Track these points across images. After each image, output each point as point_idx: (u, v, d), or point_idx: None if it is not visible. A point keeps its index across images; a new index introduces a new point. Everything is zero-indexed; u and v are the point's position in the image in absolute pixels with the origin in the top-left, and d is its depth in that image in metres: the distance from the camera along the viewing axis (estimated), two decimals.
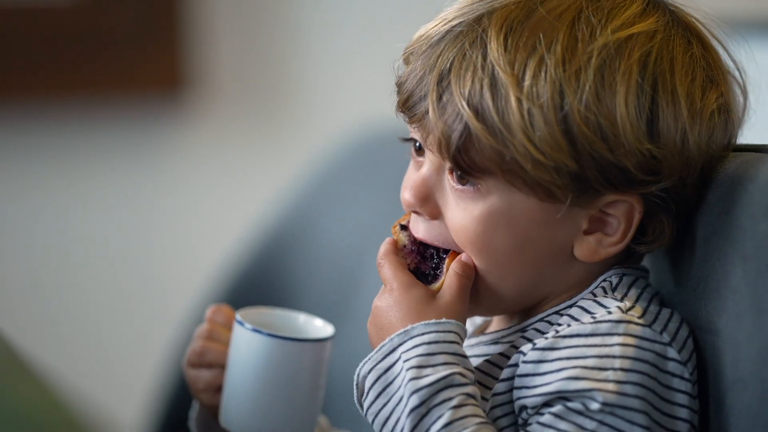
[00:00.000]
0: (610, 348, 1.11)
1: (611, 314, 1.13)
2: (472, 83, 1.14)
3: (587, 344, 1.11)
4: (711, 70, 1.19)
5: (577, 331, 1.12)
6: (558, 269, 1.19)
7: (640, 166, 1.13)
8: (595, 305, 1.16)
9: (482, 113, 1.14)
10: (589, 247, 1.17)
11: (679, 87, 1.14)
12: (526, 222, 1.16)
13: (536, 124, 1.12)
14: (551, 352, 1.12)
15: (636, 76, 1.13)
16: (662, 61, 1.15)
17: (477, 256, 1.18)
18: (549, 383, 1.11)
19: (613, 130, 1.12)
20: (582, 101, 1.12)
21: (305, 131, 2.82)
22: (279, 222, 2.08)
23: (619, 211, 1.16)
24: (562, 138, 1.12)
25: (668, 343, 1.13)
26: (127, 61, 2.76)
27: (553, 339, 1.13)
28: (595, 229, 1.17)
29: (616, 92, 1.13)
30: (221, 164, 2.88)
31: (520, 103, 1.12)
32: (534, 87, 1.13)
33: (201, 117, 2.85)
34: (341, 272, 1.92)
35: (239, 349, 1.27)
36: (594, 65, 1.13)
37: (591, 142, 1.12)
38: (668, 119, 1.14)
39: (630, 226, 1.16)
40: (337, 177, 2.05)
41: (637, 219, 1.16)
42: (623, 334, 1.12)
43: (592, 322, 1.13)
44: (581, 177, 1.13)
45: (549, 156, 1.12)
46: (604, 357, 1.11)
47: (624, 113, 1.12)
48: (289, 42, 2.85)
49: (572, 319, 1.16)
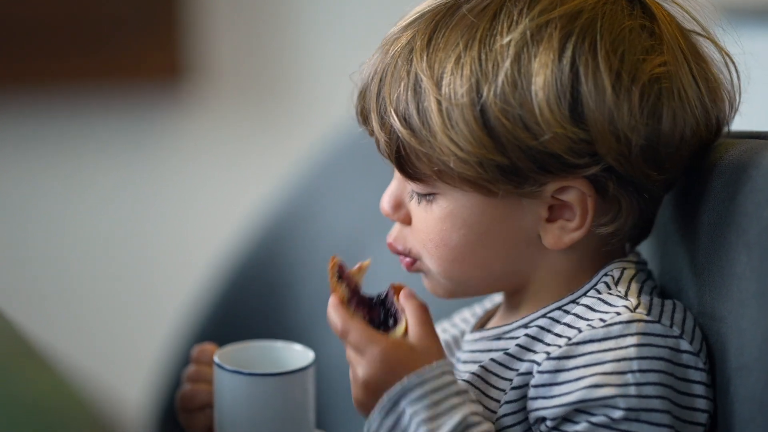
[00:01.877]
0: (626, 350, 1.11)
1: (620, 315, 1.13)
2: (400, 91, 1.16)
3: (602, 349, 1.12)
4: (654, 40, 1.16)
5: (590, 337, 1.12)
6: (530, 258, 1.19)
7: (571, 150, 1.13)
8: (600, 303, 1.16)
9: (408, 120, 1.16)
10: (553, 234, 1.17)
11: (603, 64, 1.12)
12: (481, 218, 1.17)
13: (455, 123, 1.13)
14: (567, 361, 1.12)
15: (554, 60, 1.12)
16: (584, 41, 1.13)
17: (440, 252, 1.19)
18: (569, 393, 1.12)
19: (533, 118, 1.12)
20: (497, 94, 1.13)
21: (305, 119, 2.82)
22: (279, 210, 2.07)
23: (572, 197, 1.16)
24: (482, 133, 1.13)
25: (679, 336, 1.13)
26: (127, 50, 2.76)
27: (568, 347, 1.13)
28: (556, 216, 1.17)
29: (533, 79, 1.12)
30: (221, 152, 2.88)
31: (440, 104, 1.14)
32: (451, 86, 1.14)
33: (201, 105, 2.85)
34: (341, 258, 1.91)
35: (223, 390, 1.27)
36: (511, 55, 1.13)
37: (513, 133, 1.13)
38: (591, 100, 1.12)
39: (586, 210, 1.16)
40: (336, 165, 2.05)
41: (592, 203, 1.15)
42: (635, 333, 1.12)
43: (603, 326, 1.13)
44: (513, 169, 1.14)
45: (470, 152, 1.13)
46: (621, 360, 1.11)
47: (543, 99, 1.12)
48: (289, 30, 2.85)
49: (578, 318, 1.16)
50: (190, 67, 2.80)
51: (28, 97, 2.80)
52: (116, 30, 2.76)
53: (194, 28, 2.79)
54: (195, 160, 2.88)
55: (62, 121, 2.82)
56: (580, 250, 1.19)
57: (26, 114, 2.82)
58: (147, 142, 2.86)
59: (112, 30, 2.76)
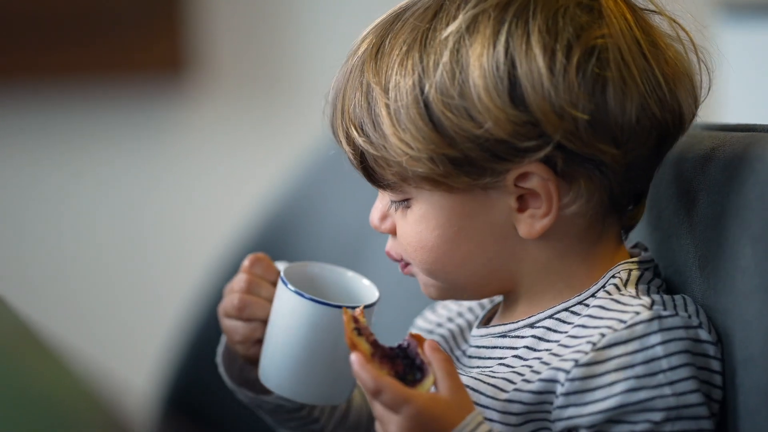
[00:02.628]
0: (653, 350, 1.12)
1: (639, 314, 1.13)
2: (355, 102, 1.19)
3: (629, 351, 1.12)
4: (592, 15, 1.16)
5: (615, 340, 1.12)
6: (511, 252, 1.20)
7: (517, 134, 1.13)
8: (614, 303, 1.16)
9: (363, 128, 1.18)
10: (525, 224, 1.18)
11: (536, 45, 1.13)
12: (451, 216, 1.18)
13: (402, 123, 1.15)
14: (596, 367, 1.12)
15: (489, 47, 1.14)
16: (517, 26, 1.14)
17: (420, 255, 1.21)
18: (605, 399, 1.12)
19: (474, 107, 1.13)
20: (438, 87, 1.14)
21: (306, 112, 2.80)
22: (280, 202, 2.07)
23: (534, 184, 1.16)
24: (427, 128, 1.15)
25: (698, 326, 1.14)
26: (129, 43, 2.76)
27: (595, 353, 1.12)
28: (526, 206, 1.17)
29: (469, 69, 1.14)
30: (222, 145, 2.87)
31: (388, 108, 1.16)
32: (397, 88, 1.16)
33: (201, 98, 2.84)
34: (344, 252, 1.91)
35: (282, 309, 1.25)
36: (448, 49, 1.14)
37: (458, 125, 1.14)
38: (528, 81, 1.13)
39: (550, 195, 1.16)
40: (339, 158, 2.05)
41: (554, 186, 1.15)
42: (659, 330, 1.12)
43: (625, 327, 1.13)
44: (466, 160, 1.15)
45: (419, 149, 1.15)
46: (651, 361, 1.11)
47: (480, 86, 1.13)
48: (291, 23, 2.84)
49: (593, 318, 1.16)
50: (191, 60, 2.79)
51: (27, 89, 2.80)
52: (117, 23, 2.76)
53: (195, 21, 2.79)
54: (196, 153, 2.88)
55: (62, 113, 2.82)
56: (560, 238, 1.19)
57: (26, 107, 2.81)
58: (148, 135, 2.85)
59: (112, 23, 2.76)
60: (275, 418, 1.35)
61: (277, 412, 1.34)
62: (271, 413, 1.35)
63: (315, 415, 1.34)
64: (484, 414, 1.17)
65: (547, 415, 1.15)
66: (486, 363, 1.22)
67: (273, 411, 1.34)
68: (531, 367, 1.17)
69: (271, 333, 1.27)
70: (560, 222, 1.17)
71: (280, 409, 1.33)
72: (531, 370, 1.16)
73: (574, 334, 1.16)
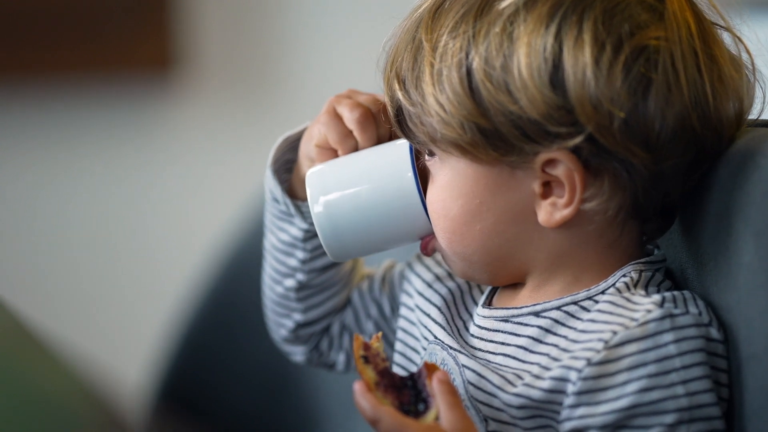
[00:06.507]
0: (666, 348, 1.11)
1: (651, 312, 1.12)
2: (404, 56, 1.19)
3: (642, 349, 1.11)
4: (654, 15, 1.15)
5: (627, 338, 1.11)
6: (529, 237, 1.19)
7: (551, 117, 1.13)
8: (625, 301, 1.15)
9: (404, 82, 1.19)
10: (546, 211, 1.17)
11: (587, 35, 1.13)
12: (475, 188, 1.18)
13: (442, 84, 1.16)
14: (610, 365, 1.11)
15: (541, 26, 1.13)
16: (574, 11, 1.14)
17: (442, 224, 1.20)
18: (618, 398, 1.11)
19: (514, 83, 1.13)
20: (483, 56, 1.14)
21: (294, 110, 2.80)
22: None
23: (560, 172, 1.15)
24: (464, 94, 1.15)
25: (709, 324, 1.13)
26: (117, 41, 2.75)
27: (607, 351, 1.11)
28: (549, 193, 1.17)
29: (517, 44, 1.14)
30: (211, 143, 2.87)
31: (432, 67, 1.16)
32: (444, 50, 1.16)
33: (190, 96, 2.84)
34: None
35: (387, 168, 1.24)
36: (502, 21, 1.14)
37: (495, 97, 1.14)
38: (571, 68, 1.12)
39: (574, 186, 1.15)
40: None
41: (579, 177, 1.15)
42: (671, 329, 1.11)
43: (637, 325, 1.12)
44: (496, 133, 1.15)
45: (452, 113, 1.15)
46: (663, 359, 1.10)
47: (524, 63, 1.13)
48: (278, 22, 2.84)
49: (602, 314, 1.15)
50: (179, 58, 2.78)
51: (14, 87, 2.79)
52: (105, 20, 2.75)
53: (184, 18, 2.78)
54: (185, 151, 2.87)
55: (49, 111, 2.81)
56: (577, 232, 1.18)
57: (13, 105, 2.80)
58: (136, 133, 2.85)
59: (100, 20, 2.74)
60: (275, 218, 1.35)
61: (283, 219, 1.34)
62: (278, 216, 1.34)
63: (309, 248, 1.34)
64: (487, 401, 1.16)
65: (554, 414, 1.14)
66: (488, 346, 1.21)
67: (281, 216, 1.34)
68: (539, 363, 1.16)
69: (357, 175, 1.25)
70: (580, 216, 1.16)
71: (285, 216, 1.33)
72: (540, 366, 1.15)
73: (584, 329, 1.15)
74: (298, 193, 1.33)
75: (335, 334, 1.39)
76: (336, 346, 1.40)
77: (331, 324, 1.39)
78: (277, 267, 1.36)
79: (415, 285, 1.32)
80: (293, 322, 1.38)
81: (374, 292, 1.38)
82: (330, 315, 1.38)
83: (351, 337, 1.38)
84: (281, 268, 1.36)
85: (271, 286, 1.38)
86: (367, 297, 1.39)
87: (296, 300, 1.36)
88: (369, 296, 1.39)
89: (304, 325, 1.38)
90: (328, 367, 1.42)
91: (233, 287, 1.95)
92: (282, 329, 1.39)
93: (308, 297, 1.36)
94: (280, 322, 1.39)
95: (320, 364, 1.42)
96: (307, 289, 1.36)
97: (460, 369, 1.20)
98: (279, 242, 1.35)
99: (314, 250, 1.33)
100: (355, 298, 1.39)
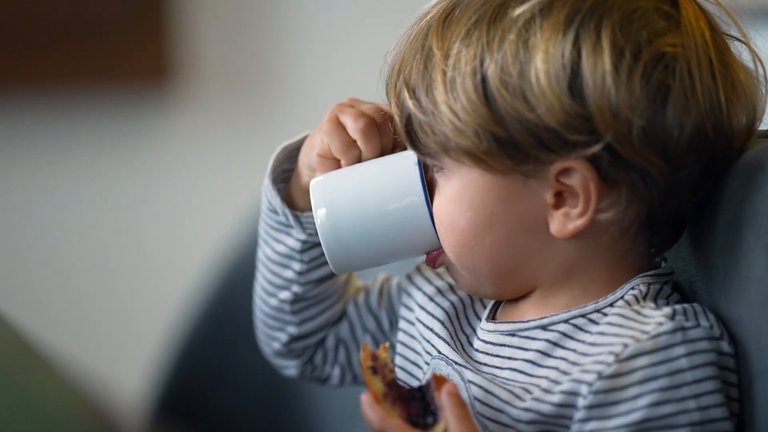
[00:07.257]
0: (677, 362, 1.09)
1: (662, 325, 1.11)
2: (413, 65, 1.17)
3: (653, 362, 1.09)
4: (670, 23, 1.14)
5: (639, 350, 1.10)
6: (538, 248, 1.17)
7: (568, 125, 1.11)
8: (634, 314, 1.13)
9: (416, 91, 1.16)
10: (559, 221, 1.15)
11: (606, 41, 1.11)
12: (486, 199, 1.16)
13: (456, 92, 1.14)
14: (621, 379, 1.10)
15: (558, 33, 1.12)
16: (591, 18, 1.12)
17: (451, 238, 1.18)
18: (629, 412, 1.09)
19: (531, 90, 1.12)
20: (498, 64, 1.13)
21: (291, 119, 2.80)
22: None
23: (575, 181, 1.13)
24: (479, 102, 1.13)
25: (720, 337, 1.12)
26: (113, 50, 2.75)
27: (618, 364, 1.10)
28: (562, 203, 1.15)
29: (534, 51, 1.12)
30: (207, 153, 2.87)
31: (445, 74, 1.14)
32: (457, 57, 1.14)
33: (187, 105, 2.84)
34: None
35: (395, 180, 1.22)
36: (517, 28, 1.13)
37: (511, 105, 1.12)
38: (590, 75, 1.11)
39: (589, 196, 1.13)
40: None
41: (595, 188, 1.13)
42: (682, 342, 1.10)
43: (648, 338, 1.10)
44: (512, 142, 1.13)
45: (467, 122, 1.13)
46: (675, 373, 1.09)
47: (541, 70, 1.11)
48: (275, 30, 2.84)
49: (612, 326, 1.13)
50: (176, 67, 2.78)
51: (10, 96, 2.79)
52: (101, 29, 2.75)
53: (180, 27, 2.78)
54: (182, 159, 2.87)
55: (47, 120, 2.81)
56: (589, 243, 1.17)
57: (9, 113, 2.80)
58: (133, 142, 2.85)
59: (97, 29, 2.75)
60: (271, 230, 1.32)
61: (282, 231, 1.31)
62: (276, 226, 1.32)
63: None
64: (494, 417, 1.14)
65: (564, 429, 1.13)
66: (494, 361, 1.19)
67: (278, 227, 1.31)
68: (548, 377, 1.14)
69: (362, 183, 1.23)
70: (592, 226, 1.15)
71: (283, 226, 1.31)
72: (549, 380, 1.14)
73: (594, 342, 1.13)
74: (295, 203, 1.31)
75: (330, 347, 1.37)
76: (330, 360, 1.38)
77: (326, 337, 1.37)
78: (272, 279, 1.34)
79: (415, 298, 1.30)
80: (287, 335, 1.36)
81: (371, 306, 1.37)
82: (325, 328, 1.36)
83: (346, 351, 1.37)
84: (276, 280, 1.34)
85: (265, 299, 1.36)
86: (364, 310, 1.37)
87: (291, 312, 1.34)
88: (366, 309, 1.37)
89: (298, 338, 1.36)
90: (322, 381, 1.40)
91: (232, 297, 1.94)
92: (275, 342, 1.37)
93: (303, 309, 1.34)
94: (273, 335, 1.37)
95: (314, 379, 1.40)
96: (302, 302, 1.34)
97: (465, 384, 1.18)
98: (275, 254, 1.33)
99: (311, 261, 1.31)
100: (351, 311, 1.37)
